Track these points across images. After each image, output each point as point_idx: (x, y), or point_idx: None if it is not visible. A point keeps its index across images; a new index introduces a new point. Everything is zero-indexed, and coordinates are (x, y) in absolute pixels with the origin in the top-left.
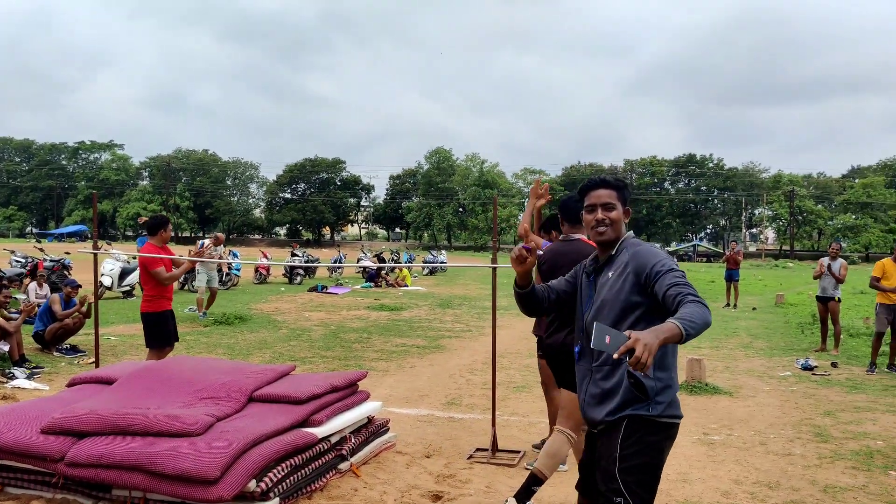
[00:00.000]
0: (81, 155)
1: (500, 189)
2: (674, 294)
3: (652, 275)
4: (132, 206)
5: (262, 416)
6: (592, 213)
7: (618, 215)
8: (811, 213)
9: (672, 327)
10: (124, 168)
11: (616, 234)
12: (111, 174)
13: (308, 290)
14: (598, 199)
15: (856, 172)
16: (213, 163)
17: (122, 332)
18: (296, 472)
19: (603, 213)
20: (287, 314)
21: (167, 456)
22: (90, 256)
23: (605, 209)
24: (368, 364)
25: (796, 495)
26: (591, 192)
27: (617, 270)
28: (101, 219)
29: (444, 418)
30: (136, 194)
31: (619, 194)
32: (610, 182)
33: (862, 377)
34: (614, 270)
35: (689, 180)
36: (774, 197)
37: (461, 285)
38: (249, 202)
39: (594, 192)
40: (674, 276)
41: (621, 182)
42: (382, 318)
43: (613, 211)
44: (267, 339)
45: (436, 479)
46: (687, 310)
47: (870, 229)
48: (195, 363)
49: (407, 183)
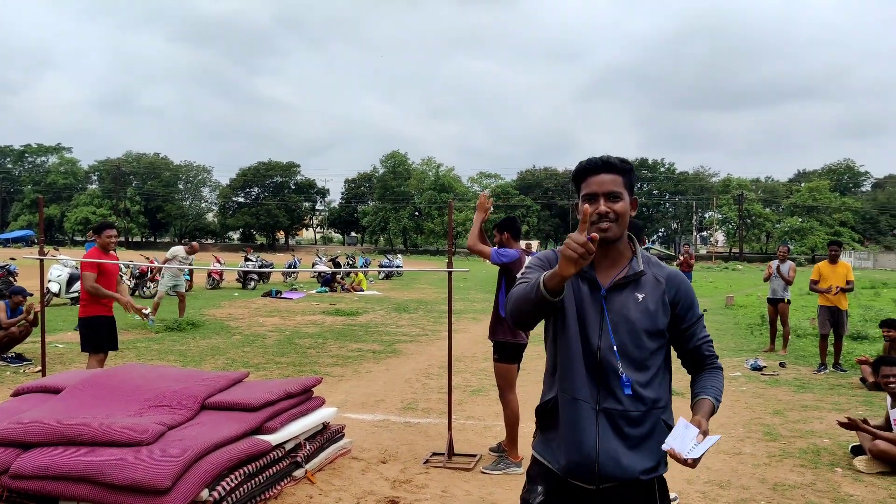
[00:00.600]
0: (28, 158)
1: (455, 193)
2: (708, 354)
3: (693, 317)
4: (80, 211)
5: (214, 424)
6: (593, 203)
7: (624, 207)
8: (759, 217)
9: (711, 406)
10: (72, 172)
11: (621, 231)
12: (59, 178)
13: (262, 296)
14: (601, 187)
15: (802, 176)
16: (164, 166)
17: (69, 340)
18: (249, 481)
19: (606, 204)
20: (240, 320)
21: (116, 466)
22: (37, 262)
23: (610, 199)
24: (324, 370)
25: (746, 493)
26: (590, 178)
27: (648, 291)
28: (48, 224)
29: (400, 423)
30: (84, 198)
31: (626, 180)
32: (614, 164)
33: (809, 377)
34: (643, 290)
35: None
36: (724, 200)
37: (417, 289)
38: (202, 206)
39: (594, 177)
40: (704, 325)
41: (628, 165)
42: (338, 324)
43: (619, 202)
44: (220, 345)
45: (392, 484)
46: (717, 380)
47: (815, 232)
48: (145, 371)
49: (362, 187)
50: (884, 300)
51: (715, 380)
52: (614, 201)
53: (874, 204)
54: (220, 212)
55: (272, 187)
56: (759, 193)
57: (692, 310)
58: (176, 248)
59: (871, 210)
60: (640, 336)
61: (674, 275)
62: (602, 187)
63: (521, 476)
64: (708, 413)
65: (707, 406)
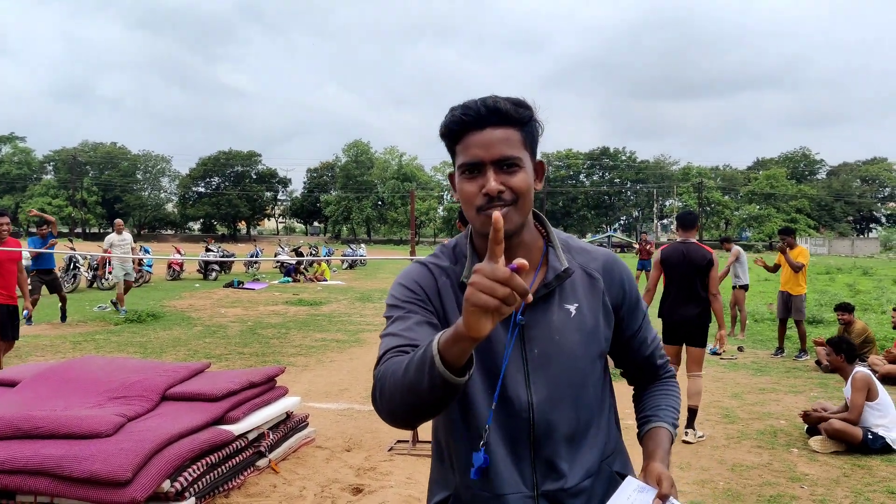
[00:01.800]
0: None
1: (419, 182)
2: (661, 363)
3: (640, 316)
4: (35, 202)
5: (175, 415)
6: (472, 178)
7: (525, 180)
8: (719, 204)
9: (669, 439)
10: (26, 161)
11: (523, 216)
12: (12, 168)
13: (224, 286)
14: (487, 151)
15: (760, 165)
16: (121, 156)
17: (25, 333)
18: (212, 471)
19: (498, 177)
20: (202, 311)
21: (75, 459)
22: None
23: (502, 170)
24: (287, 359)
25: (706, 475)
26: (469, 136)
27: (582, 296)
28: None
29: (364, 412)
30: (39, 189)
31: (524, 136)
32: (505, 112)
33: (766, 360)
34: (575, 297)
35: (604, 173)
36: (684, 188)
37: (381, 279)
38: (161, 197)
39: (475, 134)
40: (649, 321)
41: (526, 110)
42: (301, 313)
43: (517, 172)
44: (181, 336)
45: (356, 472)
46: (672, 398)
47: (773, 219)
48: (104, 363)
49: (325, 176)
50: (838, 285)
51: (670, 397)
52: (510, 172)
53: (829, 191)
54: (179, 202)
55: (233, 177)
56: (718, 181)
57: (638, 306)
58: (108, 238)
59: (826, 197)
60: (583, 370)
61: (610, 261)
62: (489, 151)
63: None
64: (666, 453)
65: (664, 440)
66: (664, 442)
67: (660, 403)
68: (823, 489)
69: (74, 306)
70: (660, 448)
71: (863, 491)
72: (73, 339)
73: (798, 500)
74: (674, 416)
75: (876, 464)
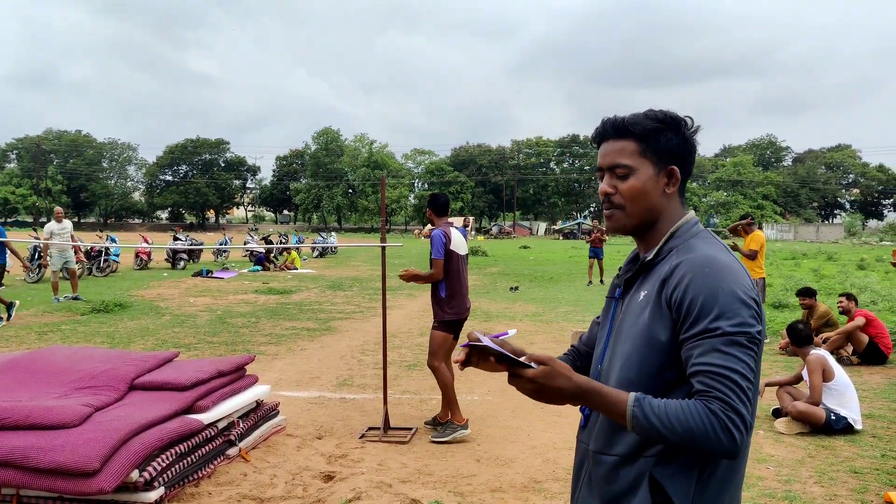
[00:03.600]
0: None
1: (389, 170)
2: (701, 388)
3: (692, 329)
4: None
5: (144, 405)
6: (601, 180)
7: (635, 186)
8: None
9: (618, 399)
10: None
11: (633, 220)
12: None
13: (192, 275)
14: (603, 159)
15: (727, 151)
16: (87, 144)
17: None
18: (181, 460)
19: (609, 181)
20: (170, 300)
21: (42, 449)
22: None
23: (614, 175)
24: (257, 348)
25: None
26: (600, 148)
27: (650, 286)
28: None
29: (335, 399)
30: (2, 178)
31: (643, 146)
32: (621, 126)
33: None
34: (647, 289)
35: (574, 160)
36: None
37: (352, 267)
38: (128, 185)
39: (602, 145)
40: (726, 351)
41: (653, 121)
42: (271, 302)
43: (628, 178)
44: (149, 326)
45: (327, 459)
46: (681, 406)
47: (740, 205)
48: (70, 352)
49: (294, 164)
50: (803, 270)
51: (680, 406)
52: (621, 178)
53: (795, 178)
54: (147, 191)
55: (201, 165)
56: None
57: (694, 316)
58: (47, 226)
59: (792, 184)
60: (633, 354)
61: (690, 261)
62: (604, 159)
63: (460, 446)
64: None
65: (613, 392)
66: (604, 389)
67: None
68: (789, 469)
69: (40, 296)
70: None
71: (827, 471)
72: (38, 329)
73: (764, 480)
74: (656, 407)
75: (840, 444)
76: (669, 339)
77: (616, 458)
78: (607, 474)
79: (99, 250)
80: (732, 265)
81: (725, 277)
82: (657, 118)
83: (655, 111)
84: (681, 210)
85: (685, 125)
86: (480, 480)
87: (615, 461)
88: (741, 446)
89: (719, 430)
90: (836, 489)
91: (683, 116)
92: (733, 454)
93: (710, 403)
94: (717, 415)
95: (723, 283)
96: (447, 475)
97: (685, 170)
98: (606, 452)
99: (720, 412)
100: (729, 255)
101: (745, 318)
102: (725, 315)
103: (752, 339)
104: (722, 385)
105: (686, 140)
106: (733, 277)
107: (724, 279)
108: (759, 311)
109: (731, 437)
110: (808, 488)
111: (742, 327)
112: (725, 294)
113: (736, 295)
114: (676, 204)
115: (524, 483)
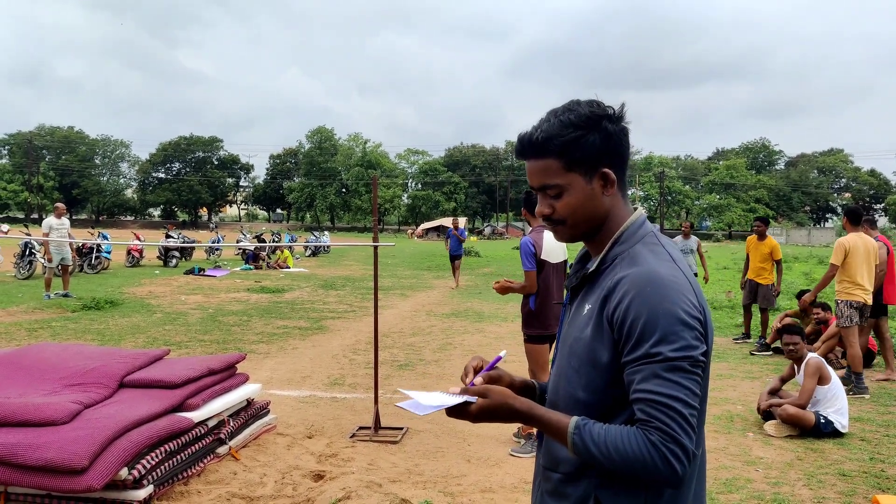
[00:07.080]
0: None
1: (383, 169)
2: (641, 417)
3: (633, 352)
4: None
5: (133, 402)
6: None
7: (568, 203)
8: (680, 194)
9: (560, 425)
10: None
11: (576, 231)
12: None
13: (184, 273)
14: (533, 181)
15: (720, 155)
16: (79, 140)
17: None
18: (171, 458)
19: (545, 202)
20: (162, 298)
21: (30, 447)
22: None
23: (547, 196)
24: (248, 347)
25: None
26: (526, 166)
27: (592, 303)
28: None
29: (326, 399)
30: None
31: (564, 161)
32: (539, 145)
33: (724, 347)
34: (591, 302)
35: None
36: (646, 178)
37: (344, 266)
38: (120, 182)
39: (527, 164)
40: (668, 378)
41: (568, 133)
42: (263, 301)
43: (561, 197)
44: (140, 323)
45: (318, 458)
46: (620, 435)
47: (732, 208)
48: (60, 349)
49: (288, 163)
50: (795, 273)
51: (621, 436)
52: (554, 198)
53: (787, 181)
54: (139, 188)
55: (194, 163)
56: (680, 171)
57: (635, 340)
58: (46, 221)
59: (785, 187)
60: (573, 368)
61: (632, 277)
62: (532, 180)
63: (450, 446)
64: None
65: (556, 416)
66: (555, 416)
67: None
68: (777, 472)
69: (30, 293)
70: (541, 411)
71: (815, 473)
72: (28, 326)
73: (753, 482)
74: (595, 433)
75: (828, 447)
76: (611, 359)
77: (561, 475)
78: (554, 490)
79: (90, 247)
80: (676, 281)
81: (667, 296)
82: (573, 124)
83: (570, 114)
84: (625, 209)
85: (607, 118)
86: (471, 481)
87: (560, 478)
88: (682, 476)
89: (658, 461)
90: (825, 492)
91: (604, 108)
92: (674, 484)
93: (650, 434)
94: (657, 446)
95: (664, 303)
96: (437, 475)
97: (619, 166)
98: (553, 469)
99: (659, 443)
100: (672, 268)
101: (688, 340)
102: (667, 339)
103: (695, 363)
104: (662, 415)
105: (611, 136)
106: (675, 296)
107: (665, 298)
108: (704, 329)
109: (671, 469)
110: (796, 491)
111: (684, 351)
112: (666, 315)
113: (677, 316)
114: (619, 203)
115: (514, 483)
